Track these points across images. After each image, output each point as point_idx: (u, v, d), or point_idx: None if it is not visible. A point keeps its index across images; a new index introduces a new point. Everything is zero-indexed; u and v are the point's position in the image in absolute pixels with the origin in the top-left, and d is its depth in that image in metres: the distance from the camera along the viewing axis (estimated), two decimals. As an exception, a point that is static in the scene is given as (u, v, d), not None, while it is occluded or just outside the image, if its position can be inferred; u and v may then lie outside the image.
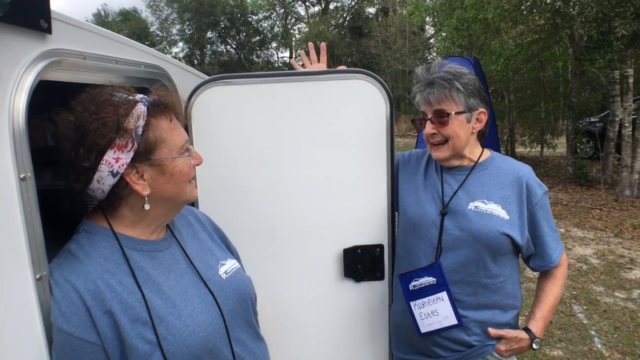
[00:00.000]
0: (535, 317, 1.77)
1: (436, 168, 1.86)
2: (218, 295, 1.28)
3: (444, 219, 1.72)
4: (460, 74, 1.71)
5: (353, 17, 35.77)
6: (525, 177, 1.73)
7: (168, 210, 1.26)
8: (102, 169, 1.11)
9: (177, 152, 1.20)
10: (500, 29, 9.74)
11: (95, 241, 1.16)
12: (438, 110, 1.69)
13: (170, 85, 1.79)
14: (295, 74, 1.83)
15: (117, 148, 1.10)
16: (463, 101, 1.69)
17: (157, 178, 1.18)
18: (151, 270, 1.19)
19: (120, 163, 1.11)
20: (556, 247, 1.76)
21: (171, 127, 1.21)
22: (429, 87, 1.71)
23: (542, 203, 1.72)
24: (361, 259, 1.90)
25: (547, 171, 12.08)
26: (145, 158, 1.15)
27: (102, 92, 1.16)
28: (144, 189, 1.16)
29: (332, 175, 1.87)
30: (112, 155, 1.10)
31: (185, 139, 1.24)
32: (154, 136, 1.15)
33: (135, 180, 1.15)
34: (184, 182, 1.23)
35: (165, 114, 1.20)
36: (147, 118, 1.14)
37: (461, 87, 1.68)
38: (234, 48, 38.36)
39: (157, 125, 1.17)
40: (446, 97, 1.68)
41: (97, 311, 1.07)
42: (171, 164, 1.19)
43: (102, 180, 1.12)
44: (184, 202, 1.29)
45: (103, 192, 1.14)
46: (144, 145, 1.14)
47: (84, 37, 1.30)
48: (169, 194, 1.21)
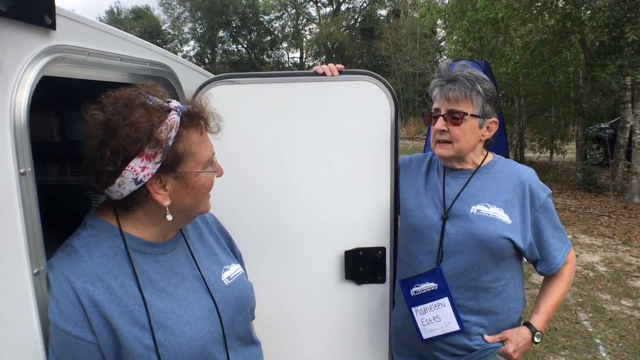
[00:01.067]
0: (538, 311, 1.76)
1: (438, 171, 1.84)
2: (219, 302, 1.26)
3: (445, 223, 1.71)
4: (483, 79, 1.71)
5: (364, 18, 35.73)
6: (528, 180, 1.71)
7: (183, 219, 1.25)
8: (126, 175, 1.07)
9: (202, 166, 1.17)
10: (509, 27, 9.62)
11: (100, 239, 1.14)
12: (454, 109, 1.68)
13: (176, 83, 1.80)
14: (300, 74, 1.83)
15: (145, 157, 1.06)
16: (480, 105, 1.68)
17: (179, 190, 1.15)
18: (153, 274, 1.18)
19: (145, 172, 1.08)
20: (561, 248, 1.74)
21: (201, 140, 1.17)
22: (451, 83, 1.69)
23: (546, 206, 1.70)
24: (362, 261, 1.89)
25: (556, 177, 11.98)
26: (170, 170, 1.11)
27: (136, 94, 1.11)
28: (165, 199, 1.13)
29: (335, 176, 1.86)
30: (139, 164, 1.06)
31: (212, 153, 1.21)
32: (183, 149, 1.11)
33: (157, 190, 1.12)
34: (203, 195, 1.22)
35: (197, 126, 1.16)
36: (179, 129, 1.10)
37: (482, 91, 1.68)
38: (245, 47, 38.47)
39: (188, 138, 1.13)
40: (466, 96, 1.67)
41: (93, 313, 1.05)
42: (195, 178, 1.16)
43: (123, 185, 1.08)
44: (198, 214, 1.27)
45: (121, 194, 1.11)
46: (172, 157, 1.10)
47: (88, 33, 1.31)
48: (187, 205, 1.19)
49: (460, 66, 1.74)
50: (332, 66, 1.82)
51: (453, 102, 1.68)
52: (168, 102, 1.13)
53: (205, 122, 1.20)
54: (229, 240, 1.55)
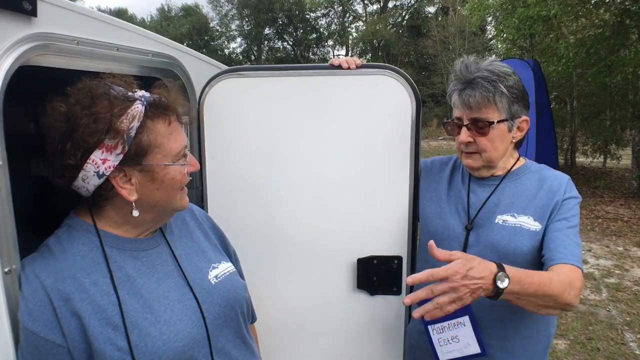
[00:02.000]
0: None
1: (462, 177, 1.68)
2: (203, 301, 1.20)
3: (469, 234, 1.54)
4: (505, 74, 1.51)
5: (412, 16, 35.13)
6: (561, 185, 1.53)
7: (156, 216, 1.19)
8: (88, 168, 1.04)
9: (171, 159, 1.12)
10: (561, 23, 9.09)
11: (75, 237, 1.10)
12: (477, 118, 1.50)
13: (184, 76, 1.72)
14: (313, 67, 1.71)
15: (105, 149, 1.03)
16: (506, 107, 1.49)
17: (145, 184, 1.10)
18: (132, 270, 1.12)
19: (107, 165, 1.04)
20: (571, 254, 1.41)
21: (168, 132, 1.12)
22: (469, 87, 1.51)
23: (570, 205, 1.50)
24: (377, 271, 1.75)
25: (608, 184, 11.30)
26: (135, 162, 1.07)
27: (99, 83, 1.08)
28: (130, 194, 1.08)
29: (350, 177, 1.73)
30: (99, 156, 1.03)
31: (182, 145, 1.15)
32: (147, 140, 1.07)
33: (122, 185, 1.08)
34: (174, 190, 1.15)
35: (163, 116, 1.11)
36: (143, 119, 1.06)
37: (506, 91, 1.48)
38: (291, 45, 38.70)
39: (153, 129, 1.08)
40: (489, 102, 1.48)
41: (64, 312, 1.01)
42: (163, 171, 1.11)
43: (86, 179, 1.05)
44: (173, 210, 1.21)
45: (88, 190, 1.08)
46: (136, 149, 1.06)
47: (77, 21, 1.24)
48: (157, 201, 1.14)
49: (474, 63, 1.54)
50: (350, 59, 1.68)
51: (475, 109, 1.50)
52: (134, 92, 1.08)
53: (174, 112, 1.14)
54: (222, 237, 1.48)
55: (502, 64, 1.55)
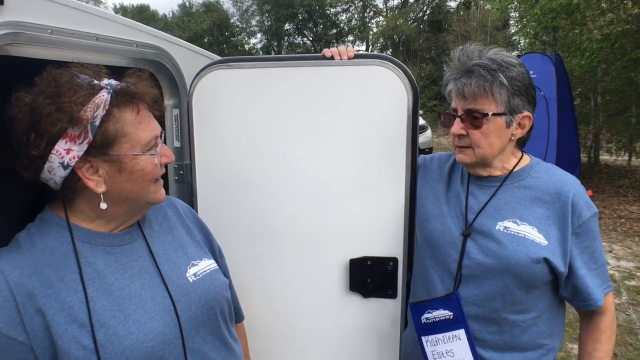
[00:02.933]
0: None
1: (462, 177, 1.56)
2: (178, 300, 1.15)
3: (466, 240, 1.44)
4: (508, 64, 1.38)
5: (433, 10, 34.64)
6: (570, 192, 1.38)
7: (129, 209, 1.14)
8: (52, 159, 1.01)
9: (140, 149, 1.08)
10: (586, 17, 8.74)
11: (46, 231, 1.07)
12: (471, 109, 1.39)
13: (173, 67, 1.67)
14: (305, 58, 1.63)
15: (69, 138, 1.00)
16: (505, 100, 1.37)
17: (114, 175, 1.06)
18: (103, 266, 1.08)
19: (71, 155, 1.01)
20: (599, 285, 1.41)
21: (137, 121, 1.08)
22: (466, 75, 1.39)
23: (588, 228, 1.38)
24: (371, 272, 1.68)
25: (633, 183, 10.93)
26: (101, 152, 1.04)
27: (64, 72, 1.04)
28: (98, 186, 1.05)
29: (344, 173, 1.66)
30: (63, 146, 1.00)
31: (153, 135, 1.11)
32: (114, 129, 1.04)
33: (89, 176, 1.04)
34: (146, 182, 1.11)
35: (131, 104, 1.08)
36: (108, 108, 1.02)
37: (505, 81, 1.35)
38: (311, 40, 38.55)
39: (120, 117, 1.05)
40: (485, 92, 1.36)
41: (28, 308, 0.97)
42: (131, 162, 1.07)
43: (52, 171, 1.03)
44: (147, 203, 1.16)
45: (56, 183, 1.05)
46: (101, 139, 1.02)
47: (51, 9, 1.20)
48: (127, 193, 1.09)
49: (476, 51, 1.42)
50: (343, 49, 1.60)
51: (470, 99, 1.38)
52: (101, 80, 1.04)
53: (143, 101, 1.10)
54: (206, 234, 1.42)
55: (509, 54, 1.43)
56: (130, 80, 1.11)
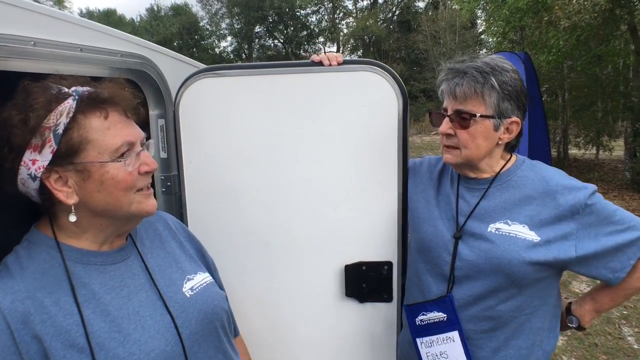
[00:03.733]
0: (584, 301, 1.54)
1: (451, 180, 1.58)
2: (178, 316, 1.11)
3: (457, 243, 1.45)
4: (502, 69, 1.41)
5: (402, 11, 35.04)
6: (558, 186, 1.40)
7: (112, 221, 1.08)
8: (22, 171, 0.98)
9: (108, 155, 1.02)
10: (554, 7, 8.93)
11: (35, 253, 1.02)
12: (461, 109, 1.41)
13: (158, 77, 1.63)
14: (294, 64, 1.61)
15: (33, 149, 0.97)
16: (494, 103, 1.39)
17: (83, 185, 1.01)
18: (98, 286, 1.04)
19: (37, 165, 0.97)
20: (629, 243, 1.37)
21: (105, 126, 1.02)
22: (459, 76, 1.42)
23: (592, 207, 1.37)
24: (366, 277, 1.67)
25: (601, 175, 11.30)
26: (67, 162, 0.99)
27: (38, 84, 1.01)
28: (69, 197, 1.00)
29: (335, 179, 1.64)
30: (29, 156, 0.97)
31: (124, 141, 1.04)
32: (78, 136, 0.99)
33: (58, 187, 1.00)
34: (120, 192, 1.04)
35: (99, 109, 1.02)
36: (73, 115, 0.99)
37: (496, 85, 1.38)
38: (282, 42, 38.50)
39: (85, 124, 1.00)
40: (475, 93, 1.39)
41: (23, 335, 0.92)
42: (99, 170, 1.01)
43: (25, 183, 1.00)
44: (132, 215, 1.09)
45: (33, 196, 1.02)
46: (66, 147, 0.98)
47: (33, 20, 1.14)
48: (102, 204, 1.04)
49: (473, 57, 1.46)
50: (332, 55, 1.59)
51: (460, 99, 1.41)
52: (73, 87, 1.02)
53: (113, 105, 1.05)
54: (199, 247, 1.39)
55: (504, 60, 1.46)
56: (102, 86, 1.06)
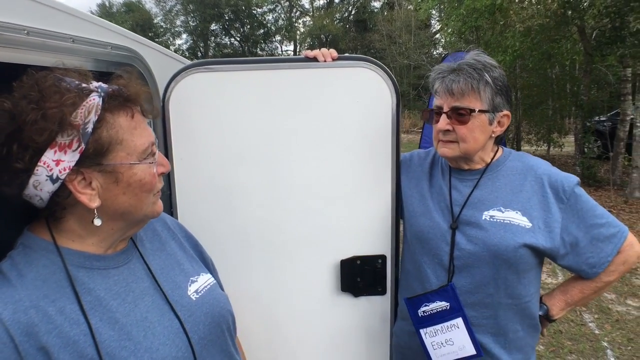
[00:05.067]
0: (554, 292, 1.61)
1: (442, 172, 1.62)
2: (186, 320, 1.07)
3: (454, 233, 1.49)
4: (491, 65, 1.47)
5: (358, 10, 35.38)
6: (545, 173, 1.48)
7: (125, 225, 1.04)
8: (39, 172, 0.89)
9: (137, 157, 0.98)
10: (509, 11, 9.31)
11: (33, 259, 0.94)
12: (458, 106, 1.44)
13: (145, 71, 1.57)
14: (288, 60, 1.60)
15: (58, 148, 0.89)
16: (489, 98, 1.44)
17: (109, 187, 0.96)
18: (103, 292, 0.98)
19: (61, 167, 0.89)
20: (610, 237, 1.44)
21: (132, 126, 0.98)
22: (454, 73, 1.45)
23: (576, 196, 1.44)
24: (361, 271, 1.68)
25: (553, 170, 11.80)
26: (94, 162, 0.93)
27: (47, 75, 0.92)
28: (92, 200, 0.94)
29: (329, 175, 1.64)
30: (51, 157, 0.89)
31: (149, 142, 1.01)
32: (108, 136, 0.93)
33: (81, 190, 0.93)
34: (145, 194, 1.01)
35: (125, 108, 0.97)
36: (101, 113, 0.92)
37: (490, 81, 1.44)
38: (238, 41, 38.04)
39: (114, 123, 0.95)
40: (472, 89, 1.43)
41: (28, 348, 0.85)
42: (128, 172, 0.97)
43: (39, 186, 0.90)
44: (145, 217, 1.06)
45: (42, 199, 0.92)
46: (95, 147, 0.91)
47: (27, 8, 1.08)
48: (125, 207, 0.99)
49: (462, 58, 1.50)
50: (326, 51, 1.59)
51: (458, 96, 1.44)
52: (89, 84, 0.94)
53: (137, 104, 1.00)
54: (197, 247, 1.34)
55: (489, 57, 1.51)
56: (121, 82, 1.01)
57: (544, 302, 1.58)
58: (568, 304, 1.56)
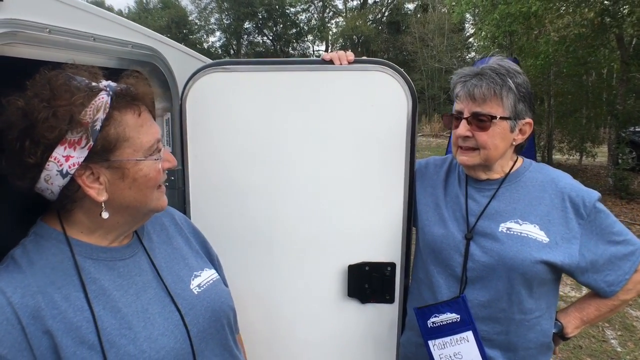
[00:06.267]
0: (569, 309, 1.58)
1: (459, 180, 1.59)
2: (186, 313, 1.10)
3: (469, 243, 1.46)
4: (515, 71, 1.43)
5: (391, 12, 35.16)
6: (566, 187, 1.44)
7: (130, 218, 1.08)
8: (50, 167, 0.94)
9: (143, 153, 1.02)
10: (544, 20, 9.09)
11: (43, 247, 1.00)
12: (479, 112, 1.41)
13: (166, 69, 1.60)
14: (304, 62, 1.61)
15: (68, 144, 0.93)
16: (512, 104, 1.41)
17: (115, 182, 1.00)
18: (107, 283, 1.02)
19: (70, 162, 0.94)
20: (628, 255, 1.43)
21: (139, 124, 1.02)
22: (476, 78, 1.41)
23: (597, 212, 1.40)
24: (369, 278, 1.67)
25: (584, 181, 11.43)
26: (102, 158, 0.97)
27: (59, 74, 0.97)
28: (99, 194, 0.98)
29: (341, 178, 1.65)
30: (61, 152, 0.93)
31: (155, 139, 1.05)
32: (115, 133, 0.98)
33: (89, 184, 0.97)
34: (149, 189, 1.05)
35: (132, 107, 1.02)
36: (109, 111, 0.96)
37: (514, 87, 1.40)
38: (270, 39, 38.32)
39: (121, 120, 0.99)
40: (495, 95, 1.39)
41: (34, 331, 0.90)
42: (134, 168, 1.01)
43: (50, 180, 0.95)
44: (150, 211, 1.10)
45: (52, 193, 0.98)
46: (103, 143, 0.96)
47: (50, 7, 1.12)
48: (130, 201, 1.03)
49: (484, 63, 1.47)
50: (342, 53, 1.59)
51: (479, 101, 1.41)
52: (99, 82, 0.99)
53: (144, 103, 1.04)
54: (204, 243, 1.38)
55: (512, 62, 1.48)
56: (129, 82, 1.05)
57: (559, 319, 1.54)
58: (583, 322, 1.53)
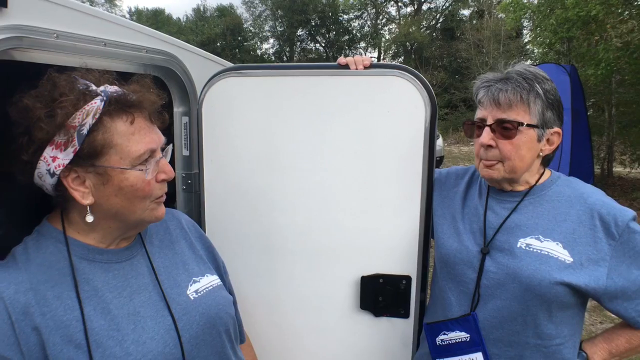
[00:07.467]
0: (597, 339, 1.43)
1: (480, 191, 1.50)
2: (179, 319, 1.10)
3: (484, 258, 1.37)
4: (543, 77, 1.34)
5: (446, 18, 34.56)
6: (596, 204, 1.32)
7: (122, 224, 1.08)
8: (40, 165, 0.98)
9: (130, 162, 1.01)
10: (606, 25, 8.58)
11: (43, 245, 1.02)
12: (504, 119, 1.31)
13: (184, 74, 1.62)
14: (320, 67, 1.58)
15: (55, 145, 0.97)
16: (539, 111, 1.31)
17: (100, 188, 1.01)
18: (101, 284, 1.03)
19: (57, 163, 0.97)
20: None
21: (130, 132, 1.01)
22: (502, 82, 1.33)
23: (630, 232, 1.28)
24: (382, 290, 1.61)
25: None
26: (88, 163, 0.99)
27: (64, 76, 1.00)
28: (84, 198, 1.00)
29: (357, 186, 1.59)
30: (50, 153, 0.97)
31: (147, 149, 1.03)
32: (102, 139, 0.98)
33: (74, 186, 0.99)
34: (137, 199, 1.04)
35: (125, 114, 1.02)
36: (100, 116, 0.97)
37: (542, 92, 1.31)
38: (323, 46, 38.64)
39: (110, 127, 1.00)
40: (521, 100, 1.30)
41: (23, 326, 0.93)
42: (120, 176, 1.01)
43: (42, 177, 0.99)
44: (142, 221, 1.09)
45: (47, 190, 1.01)
46: (88, 148, 0.98)
47: (57, 13, 1.15)
48: (117, 208, 1.03)
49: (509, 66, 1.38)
50: (358, 58, 1.54)
51: (504, 107, 1.32)
52: (104, 86, 1.00)
53: (140, 110, 1.04)
54: (210, 249, 1.36)
55: (539, 69, 1.38)
56: (134, 87, 1.06)
57: (584, 349, 1.41)
58: (612, 355, 1.38)
